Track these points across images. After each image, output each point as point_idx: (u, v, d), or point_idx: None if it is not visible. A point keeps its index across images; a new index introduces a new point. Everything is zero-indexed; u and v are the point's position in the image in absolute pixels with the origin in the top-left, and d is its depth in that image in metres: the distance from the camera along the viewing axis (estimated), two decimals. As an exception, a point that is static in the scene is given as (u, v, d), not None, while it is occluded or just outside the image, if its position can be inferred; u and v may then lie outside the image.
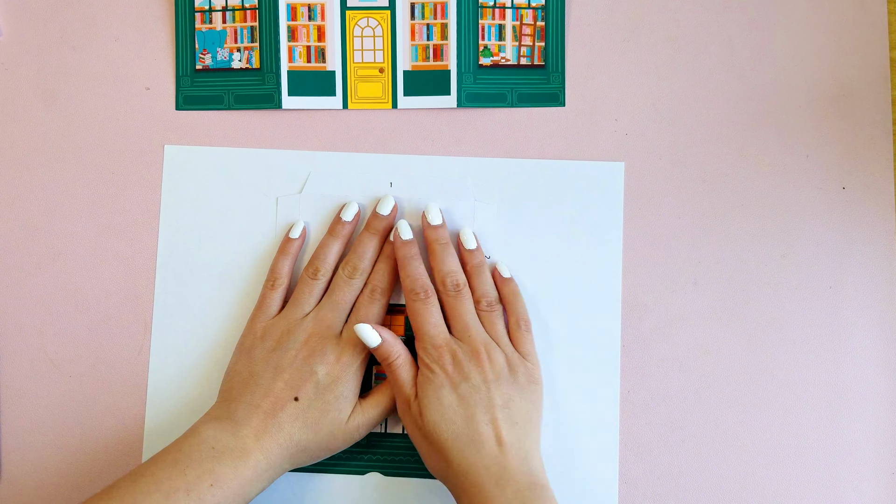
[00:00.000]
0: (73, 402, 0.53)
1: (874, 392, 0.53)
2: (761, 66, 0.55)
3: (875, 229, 0.54)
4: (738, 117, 0.55)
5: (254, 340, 0.51)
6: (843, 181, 0.54)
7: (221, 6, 0.55)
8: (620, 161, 0.54)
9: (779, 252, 0.54)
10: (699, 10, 0.55)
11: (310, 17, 0.55)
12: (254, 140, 0.55)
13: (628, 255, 0.54)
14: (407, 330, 0.53)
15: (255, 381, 0.49)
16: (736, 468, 0.53)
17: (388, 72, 0.55)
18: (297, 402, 0.48)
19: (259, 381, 0.49)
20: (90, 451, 0.53)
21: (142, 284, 0.54)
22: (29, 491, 0.53)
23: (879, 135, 0.54)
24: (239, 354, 0.51)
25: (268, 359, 0.49)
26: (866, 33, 0.55)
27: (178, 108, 0.55)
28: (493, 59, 0.55)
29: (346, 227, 0.53)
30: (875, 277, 0.54)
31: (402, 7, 0.55)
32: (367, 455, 0.53)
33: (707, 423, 0.53)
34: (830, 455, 0.53)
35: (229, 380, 0.50)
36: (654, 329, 0.53)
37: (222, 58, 0.55)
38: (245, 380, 0.49)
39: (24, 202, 0.54)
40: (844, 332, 0.53)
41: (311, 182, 0.54)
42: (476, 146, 0.55)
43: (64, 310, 0.54)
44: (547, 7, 0.55)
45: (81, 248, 0.54)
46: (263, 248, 0.54)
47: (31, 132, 0.55)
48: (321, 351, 0.49)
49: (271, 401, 0.48)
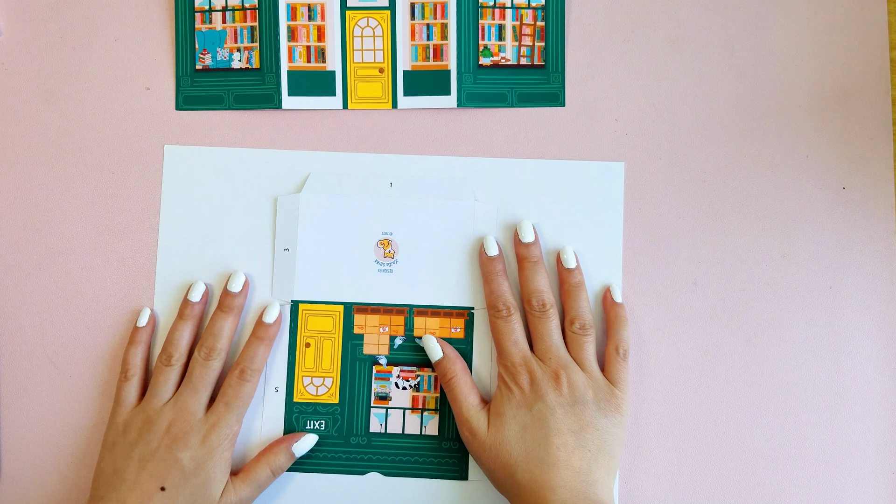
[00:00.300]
0: (73, 402, 0.53)
1: (874, 392, 0.53)
2: (761, 66, 0.55)
3: (875, 229, 0.54)
4: (738, 117, 0.55)
5: (116, 436, 0.50)
6: (843, 181, 0.54)
7: (221, 6, 0.55)
8: (620, 161, 0.54)
9: (779, 252, 0.54)
10: (699, 10, 0.55)
11: (310, 17, 0.55)
12: (254, 140, 0.55)
13: (628, 255, 0.54)
14: (407, 330, 0.53)
15: (120, 476, 0.48)
16: (736, 468, 0.53)
17: (388, 72, 0.55)
18: (164, 493, 0.47)
19: (124, 476, 0.48)
20: (90, 450, 0.53)
21: (142, 284, 0.54)
22: (29, 491, 0.53)
23: (879, 135, 0.54)
24: (103, 451, 0.50)
25: (130, 453, 0.49)
26: (866, 33, 0.55)
27: (177, 108, 0.55)
28: (493, 59, 0.55)
29: (195, 307, 0.52)
30: (875, 277, 0.54)
31: (402, 7, 0.55)
32: (368, 455, 0.53)
33: (707, 423, 0.53)
34: (830, 455, 0.53)
35: (96, 479, 0.49)
36: (654, 329, 0.53)
37: (222, 58, 0.55)
38: (110, 477, 0.48)
39: (24, 202, 0.54)
40: (844, 332, 0.53)
41: (310, 182, 0.54)
42: (476, 146, 0.55)
43: (64, 310, 0.54)
44: (547, 7, 0.55)
45: (81, 248, 0.54)
46: (263, 248, 0.54)
47: (31, 132, 0.55)
48: (184, 437, 0.48)
49: (137, 494, 0.47)
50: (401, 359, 0.53)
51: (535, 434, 0.48)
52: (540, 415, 0.48)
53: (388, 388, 0.53)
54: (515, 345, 0.50)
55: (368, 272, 0.54)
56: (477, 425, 0.49)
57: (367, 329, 0.54)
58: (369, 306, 0.54)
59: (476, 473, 0.52)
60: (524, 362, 0.50)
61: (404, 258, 0.54)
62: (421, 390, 0.53)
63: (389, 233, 0.54)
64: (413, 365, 0.53)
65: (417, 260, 0.54)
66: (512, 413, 0.48)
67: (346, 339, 0.53)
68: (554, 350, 0.50)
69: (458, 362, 0.51)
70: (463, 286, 0.53)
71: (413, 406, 0.53)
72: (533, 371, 0.49)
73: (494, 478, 0.49)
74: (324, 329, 0.53)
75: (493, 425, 0.49)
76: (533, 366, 0.49)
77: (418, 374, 0.53)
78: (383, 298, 0.54)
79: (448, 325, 0.53)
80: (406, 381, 0.53)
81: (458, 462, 0.52)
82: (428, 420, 0.53)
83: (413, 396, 0.53)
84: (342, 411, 0.53)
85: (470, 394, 0.50)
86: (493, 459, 0.48)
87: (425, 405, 0.53)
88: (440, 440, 0.53)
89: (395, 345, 0.53)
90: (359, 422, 0.53)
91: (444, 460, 0.53)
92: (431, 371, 0.53)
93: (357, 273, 0.54)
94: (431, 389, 0.53)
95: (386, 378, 0.53)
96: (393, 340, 0.53)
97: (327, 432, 0.53)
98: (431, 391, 0.53)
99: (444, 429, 0.53)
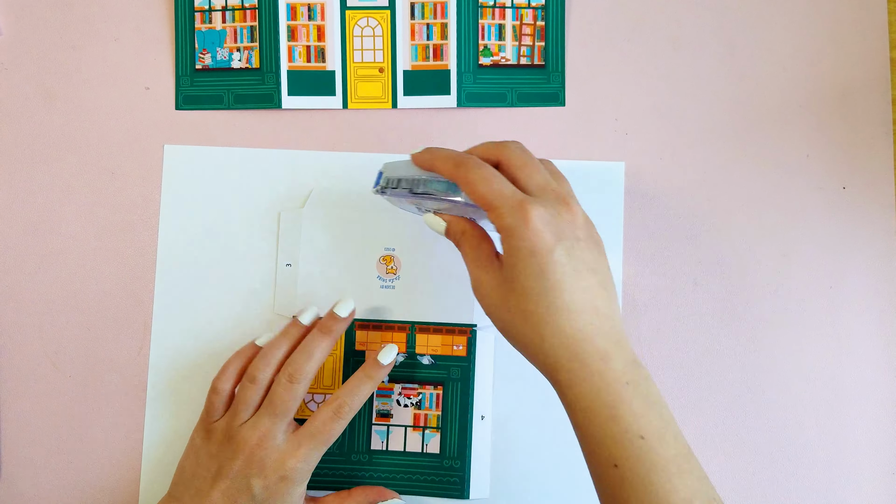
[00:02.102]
0: (73, 402, 0.53)
1: (874, 392, 0.53)
2: (761, 66, 0.55)
3: (875, 229, 0.54)
4: (738, 117, 0.55)
5: (200, 441, 0.49)
6: (843, 181, 0.54)
7: (221, 6, 0.55)
8: (620, 161, 0.54)
9: (779, 252, 0.54)
10: (699, 10, 0.55)
11: (310, 17, 0.55)
12: (254, 140, 0.55)
13: (628, 255, 0.54)
14: (409, 347, 0.53)
15: (197, 484, 0.47)
16: (736, 468, 0.53)
17: (388, 71, 0.55)
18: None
19: (200, 486, 0.47)
20: (89, 451, 0.53)
21: (142, 284, 0.54)
22: (29, 491, 0.53)
23: (879, 135, 0.54)
24: (188, 450, 0.49)
25: (208, 463, 0.48)
26: (866, 33, 0.55)
27: (177, 108, 0.55)
28: (493, 59, 0.55)
29: (301, 329, 0.49)
30: (875, 277, 0.54)
31: (401, 7, 0.55)
32: (369, 472, 0.52)
33: (707, 423, 0.53)
34: (830, 455, 0.53)
35: (178, 474, 0.49)
36: (654, 329, 0.53)
37: (222, 57, 0.55)
38: (188, 479, 0.48)
39: (24, 202, 0.54)
40: (844, 332, 0.53)
41: (313, 197, 0.54)
42: (476, 146, 0.55)
43: (64, 310, 0.54)
44: (547, 7, 0.55)
45: (81, 248, 0.54)
46: (263, 248, 0.54)
47: (31, 132, 0.55)
48: (259, 464, 0.46)
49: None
50: (403, 376, 0.53)
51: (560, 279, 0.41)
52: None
53: (389, 406, 0.53)
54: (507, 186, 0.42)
55: (371, 288, 0.53)
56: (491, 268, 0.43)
57: (369, 345, 0.53)
58: (371, 322, 0.53)
59: (476, 491, 0.52)
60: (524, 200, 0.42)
61: (407, 274, 0.53)
62: (423, 408, 0.53)
63: (392, 248, 0.54)
64: (415, 382, 0.53)
65: (420, 276, 0.53)
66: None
67: (348, 355, 0.53)
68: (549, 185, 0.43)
69: (465, 220, 0.45)
70: (466, 303, 0.53)
71: (415, 424, 0.53)
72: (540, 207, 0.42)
73: (521, 339, 0.43)
74: None
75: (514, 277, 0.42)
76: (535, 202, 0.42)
77: (420, 391, 0.53)
78: (385, 315, 0.53)
79: (450, 343, 0.53)
80: (408, 398, 0.53)
81: (460, 481, 0.52)
82: (429, 438, 0.53)
83: (415, 414, 0.53)
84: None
85: (483, 240, 0.44)
86: (518, 315, 0.42)
87: (427, 423, 0.53)
88: (441, 458, 0.53)
89: (397, 362, 0.53)
90: (360, 439, 0.53)
91: (446, 478, 0.52)
92: (433, 389, 0.53)
93: (359, 289, 0.53)
94: (433, 407, 0.53)
95: (388, 395, 0.53)
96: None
97: (329, 449, 0.53)
98: (433, 409, 0.53)
99: (445, 447, 0.53)
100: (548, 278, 0.40)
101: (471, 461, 0.52)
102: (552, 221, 0.41)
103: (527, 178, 0.42)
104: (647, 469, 0.39)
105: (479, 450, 0.53)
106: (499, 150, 0.44)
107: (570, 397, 0.41)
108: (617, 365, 0.40)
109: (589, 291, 0.41)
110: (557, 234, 0.41)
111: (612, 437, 0.39)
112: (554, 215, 0.41)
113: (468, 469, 0.52)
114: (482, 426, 0.53)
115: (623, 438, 0.39)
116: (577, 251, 0.41)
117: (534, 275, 0.40)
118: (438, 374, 0.53)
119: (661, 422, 0.40)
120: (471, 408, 0.53)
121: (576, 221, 0.42)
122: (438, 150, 0.44)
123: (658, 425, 0.40)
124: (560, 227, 0.41)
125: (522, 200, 0.41)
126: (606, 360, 0.40)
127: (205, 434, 0.49)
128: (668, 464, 0.39)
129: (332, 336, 0.49)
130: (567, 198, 0.42)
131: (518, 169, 0.43)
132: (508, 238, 0.41)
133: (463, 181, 0.42)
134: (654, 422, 0.40)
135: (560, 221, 0.41)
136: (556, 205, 0.41)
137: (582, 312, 0.41)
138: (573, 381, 0.40)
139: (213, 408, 0.49)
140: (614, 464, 0.40)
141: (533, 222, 0.40)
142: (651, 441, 0.39)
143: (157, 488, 0.53)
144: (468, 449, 0.52)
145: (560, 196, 0.42)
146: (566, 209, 0.42)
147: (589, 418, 0.40)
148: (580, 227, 0.42)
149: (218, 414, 0.49)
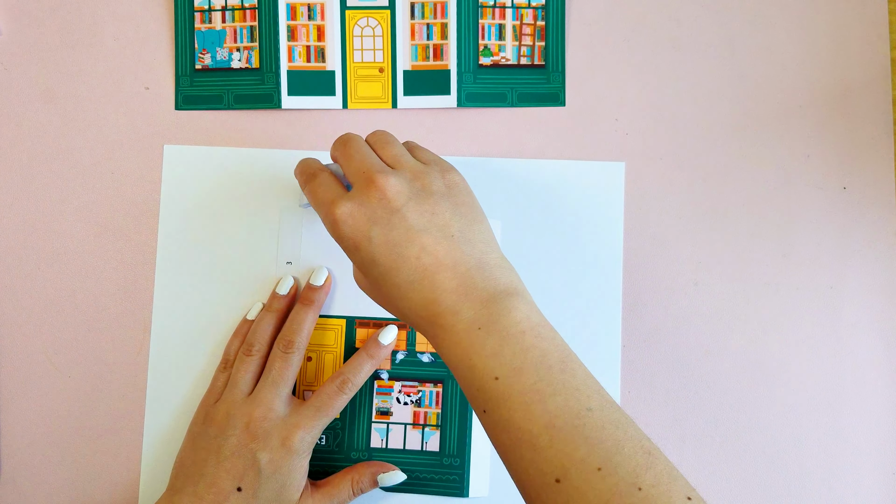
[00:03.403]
0: (73, 403, 0.53)
1: (874, 392, 0.53)
2: (761, 66, 0.55)
3: (875, 229, 0.54)
4: (738, 117, 0.55)
5: (199, 427, 0.49)
6: (844, 181, 0.54)
7: (221, 6, 0.55)
8: (620, 161, 0.54)
9: (779, 252, 0.54)
10: (699, 10, 0.55)
11: (309, 17, 0.55)
12: (253, 140, 0.55)
13: (628, 255, 0.54)
14: (409, 345, 0.53)
15: (199, 470, 0.47)
16: (736, 468, 0.53)
17: (388, 71, 0.55)
18: (241, 493, 0.46)
19: (203, 470, 0.47)
20: (90, 450, 0.53)
21: (141, 284, 0.54)
22: (29, 491, 0.53)
23: (879, 135, 0.54)
24: (186, 441, 0.50)
25: (209, 446, 0.48)
26: (866, 33, 0.55)
27: (177, 108, 0.55)
28: (493, 59, 0.55)
29: (281, 301, 0.52)
30: (875, 277, 0.54)
31: (401, 7, 0.55)
32: None
33: (707, 423, 0.53)
34: (830, 455, 0.53)
35: (176, 469, 0.49)
36: (654, 329, 0.53)
37: (222, 57, 0.55)
38: (189, 469, 0.48)
39: (24, 202, 0.54)
40: (844, 332, 0.53)
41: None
42: (476, 146, 0.55)
43: (64, 310, 0.54)
44: (547, 7, 0.55)
45: (81, 248, 0.54)
46: (263, 248, 0.54)
47: (31, 132, 0.55)
48: (264, 436, 0.47)
49: (214, 492, 0.46)
50: (402, 374, 0.53)
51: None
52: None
53: (389, 404, 0.53)
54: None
55: None
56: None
57: None
58: (371, 321, 0.53)
59: (476, 490, 0.52)
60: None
61: None
62: (422, 406, 0.53)
63: None
64: (415, 380, 0.53)
65: None
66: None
67: (348, 353, 0.53)
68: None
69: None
70: None
71: (414, 421, 0.53)
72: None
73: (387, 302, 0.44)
74: (325, 343, 0.53)
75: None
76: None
77: (420, 389, 0.53)
78: (385, 313, 0.53)
79: None
80: (408, 396, 0.53)
81: (459, 479, 0.52)
82: (429, 436, 0.53)
83: (414, 412, 0.53)
84: (343, 426, 0.53)
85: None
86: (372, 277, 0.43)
87: (426, 421, 0.53)
88: (441, 456, 0.53)
89: (396, 360, 0.53)
90: (360, 437, 0.53)
91: (445, 476, 0.52)
92: (433, 386, 0.53)
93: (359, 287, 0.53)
94: (433, 405, 0.53)
95: (387, 393, 0.53)
96: (395, 355, 0.53)
97: (328, 447, 0.53)
98: (433, 407, 0.53)
99: (445, 445, 0.53)
100: (379, 263, 0.41)
101: (470, 459, 0.52)
102: (359, 210, 0.41)
103: (346, 164, 0.43)
104: (507, 408, 0.38)
105: (478, 448, 0.53)
106: (333, 148, 0.45)
107: (444, 360, 0.41)
108: (467, 314, 0.39)
109: (424, 255, 0.40)
110: (370, 218, 0.41)
111: (475, 387, 0.39)
112: (363, 201, 0.41)
113: (468, 467, 0.52)
114: None
115: (482, 384, 0.38)
116: (396, 222, 0.41)
117: (367, 264, 0.41)
118: (438, 371, 0.53)
119: (519, 353, 0.38)
120: (470, 406, 0.53)
121: (386, 193, 0.41)
122: (301, 162, 0.46)
123: (512, 359, 0.38)
124: (371, 210, 0.41)
125: (333, 200, 0.42)
126: (456, 314, 0.40)
127: (204, 418, 0.49)
128: (524, 395, 0.37)
129: (315, 306, 0.52)
130: (372, 173, 0.42)
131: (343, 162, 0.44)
132: (337, 241, 0.42)
133: (305, 190, 0.45)
134: (507, 357, 0.38)
135: (368, 201, 0.41)
136: (364, 189, 0.41)
137: (422, 280, 0.40)
138: (438, 343, 0.41)
139: (215, 388, 0.51)
140: (483, 409, 0.39)
141: (341, 217, 0.41)
142: (506, 378, 0.38)
143: (157, 488, 0.53)
144: (468, 447, 0.53)
145: (365, 172, 0.42)
146: (373, 187, 0.41)
147: (458, 375, 0.40)
148: (400, 192, 0.41)
149: (220, 394, 0.50)
